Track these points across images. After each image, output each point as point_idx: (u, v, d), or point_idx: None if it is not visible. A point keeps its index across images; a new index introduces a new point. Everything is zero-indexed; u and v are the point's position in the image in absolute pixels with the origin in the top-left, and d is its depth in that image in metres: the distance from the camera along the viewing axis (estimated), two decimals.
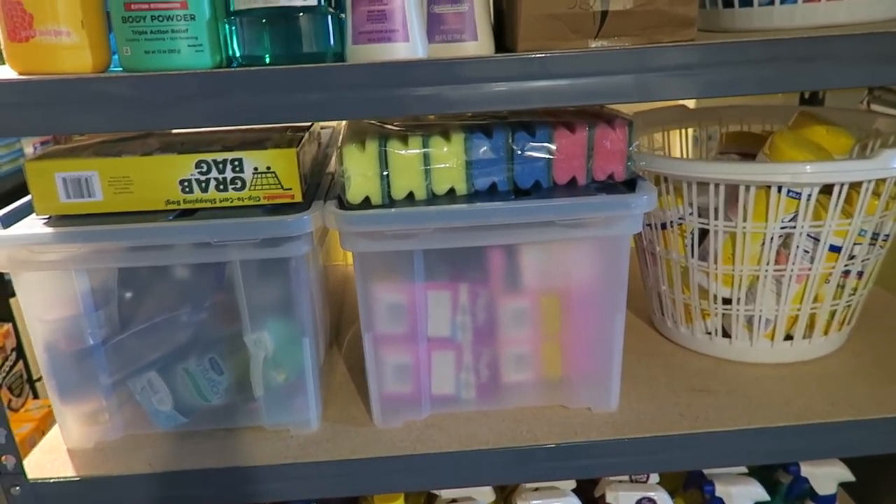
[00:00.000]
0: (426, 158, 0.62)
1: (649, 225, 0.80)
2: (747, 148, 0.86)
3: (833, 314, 0.77)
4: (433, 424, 0.70)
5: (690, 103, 1.09)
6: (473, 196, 0.64)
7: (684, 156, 0.97)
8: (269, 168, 0.62)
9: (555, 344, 0.73)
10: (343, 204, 0.63)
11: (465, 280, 0.68)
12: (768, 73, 0.56)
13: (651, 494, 0.79)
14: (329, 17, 0.59)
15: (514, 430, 0.69)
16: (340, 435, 0.69)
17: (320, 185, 0.71)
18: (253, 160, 0.62)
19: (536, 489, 0.80)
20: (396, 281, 0.67)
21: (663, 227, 0.78)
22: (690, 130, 0.95)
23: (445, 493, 0.80)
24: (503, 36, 0.66)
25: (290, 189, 0.63)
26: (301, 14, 0.58)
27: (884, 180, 0.70)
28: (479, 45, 0.62)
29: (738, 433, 0.68)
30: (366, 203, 0.63)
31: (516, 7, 0.60)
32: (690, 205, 0.74)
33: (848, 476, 0.80)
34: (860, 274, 0.76)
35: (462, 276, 0.68)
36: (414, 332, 0.69)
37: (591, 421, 0.70)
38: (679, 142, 0.97)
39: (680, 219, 0.76)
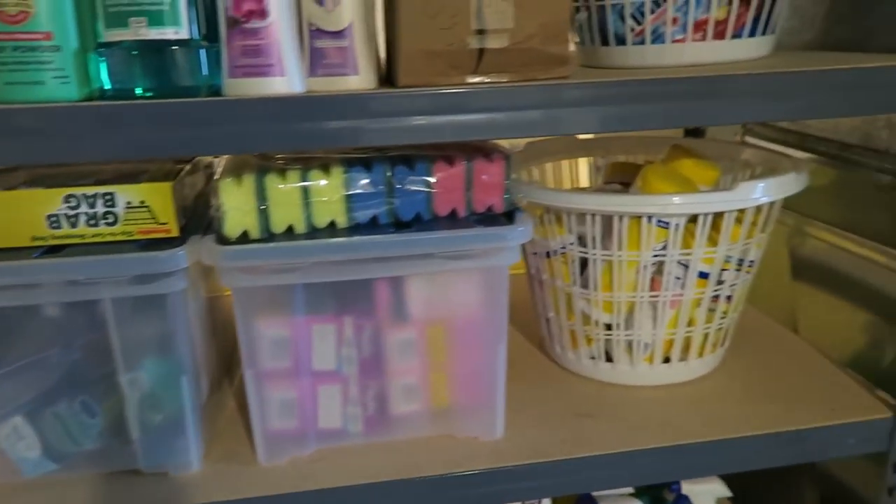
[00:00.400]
0: (305, 192, 0.62)
1: (535, 253, 0.82)
2: (629, 178, 0.90)
3: (706, 337, 0.80)
4: (319, 459, 0.69)
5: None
6: (354, 229, 0.64)
7: (574, 185, 1.00)
8: (142, 202, 0.60)
9: (441, 374, 0.73)
10: (221, 239, 0.62)
11: (349, 313, 0.68)
12: (646, 111, 0.59)
13: None
14: (203, 50, 0.59)
15: (400, 462, 0.69)
16: (222, 475, 0.67)
17: (205, 217, 0.69)
18: (125, 195, 0.60)
19: None
20: (278, 315, 0.66)
21: (548, 255, 0.80)
22: (583, 160, 0.99)
23: None
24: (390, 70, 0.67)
25: (166, 223, 0.61)
26: (174, 47, 0.57)
27: (745, 211, 0.74)
28: (361, 79, 0.63)
29: (619, 456, 0.70)
30: (244, 237, 0.62)
31: (397, 43, 0.61)
32: (571, 234, 0.76)
33: (724, 492, 0.84)
34: (729, 298, 0.80)
35: (346, 308, 0.68)
36: (298, 366, 0.68)
37: (476, 450, 0.70)
38: (569, 171, 1.00)
39: (562, 248, 0.78)
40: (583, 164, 1.00)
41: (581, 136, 1.04)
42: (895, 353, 0.88)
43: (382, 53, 0.65)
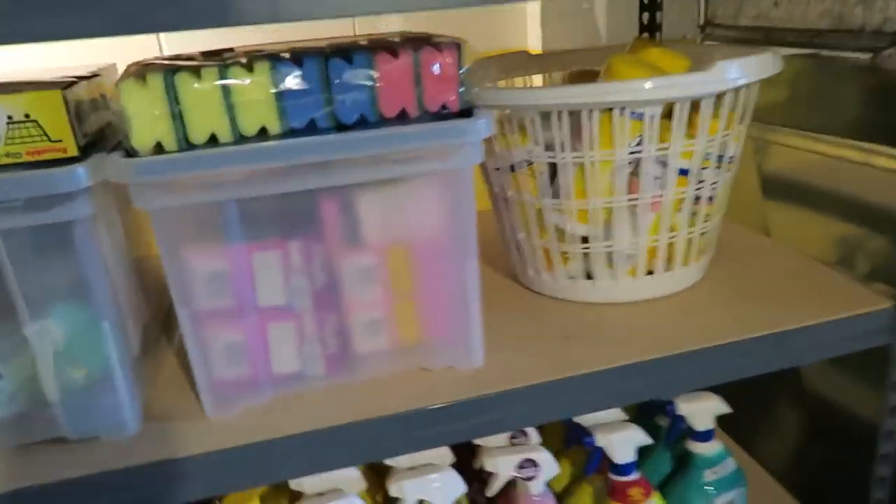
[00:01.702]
0: (226, 92, 0.51)
1: (498, 169, 0.72)
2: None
3: (690, 243, 0.72)
4: (276, 408, 0.59)
5: (535, 48, 1.04)
6: (290, 135, 0.54)
7: None
8: (27, 116, 0.49)
9: (408, 303, 0.63)
10: (130, 152, 0.51)
11: (295, 237, 0.58)
12: None
13: (531, 455, 0.71)
14: None
15: (371, 400, 0.59)
16: (164, 435, 0.56)
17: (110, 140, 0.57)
18: (5, 107, 0.49)
19: (412, 468, 0.70)
20: (210, 243, 0.55)
21: (512, 168, 0.71)
22: (537, 77, 0.89)
23: (310, 488, 0.68)
24: None
25: (60, 141, 0.50)
26: None
27: (722, 98, 0.65)
28: None
29: (608, 373, 0.61)
30: (159, 149, 0.51)
31: None
32: (536, 141, 0.67)
33: (723, 408, 0.75)
34: (711, 199, 0.71)
35: (291, 232, 0.58)
36: (241, 303, 0.58)
37: (455, 380, 0.61)
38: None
39: (528, 159, 0.68)
40: (538, 81, 0.90)
41: (534, 51, 0.95)
42: (883, 250, 0.81)
43: None
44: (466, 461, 0.74)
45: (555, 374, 0.60)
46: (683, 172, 0.67)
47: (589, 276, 0.72)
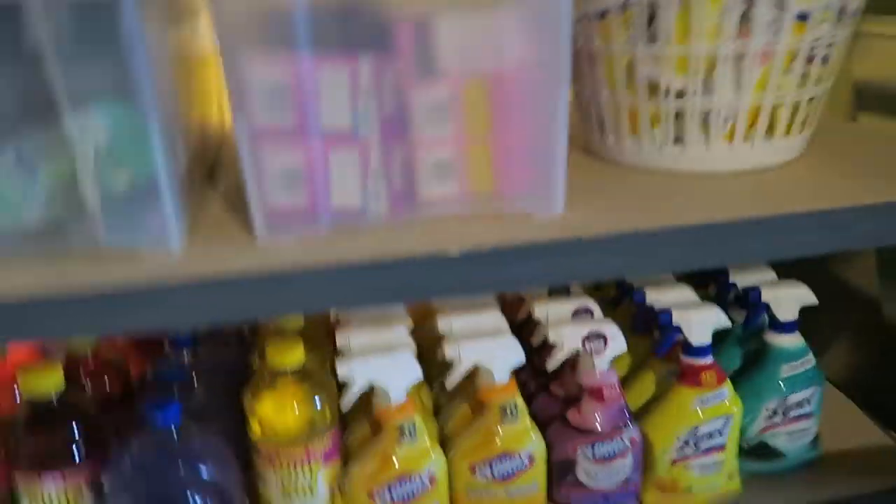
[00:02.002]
0: None
1: (582, 20, 0.64)
2: None
3: (796, 109, 0.63)
4: (331, 239, 0.53)
5: None
6: None
7: None
8: None
9: (483, 147, 0.56)
10: None
11: (367, 57, 0.50)
12: None
13: (600, 328, 0.65)
14: None
15: (438, 237, 0.52)
16: (211, 254, 0.50)
17: None
18: None
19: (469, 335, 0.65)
20: (275, 51, 0.48)
21: (602, 15, 0.62)
22: None
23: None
24: None
25: None
26: None
27: None
28: None
29: (696, 230, 0.54)
30: None
31: None
32: None
33: (811, 299, 0.69)
34: (825, 60, 0.63)
35: (364, 51, 0.50)
36: (303, 123, 0.51)
37: (530, 225, 0.54)
38: None
39: (623, 4, 0.60)
40: None
41: None
42: None
43: None
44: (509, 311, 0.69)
45: (639, 226, 0.54)
46: (802, 17, 0.58)
47: (678, 142, 0.65)
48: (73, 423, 0.60)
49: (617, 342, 0.65)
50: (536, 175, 0.55)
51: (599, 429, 0.67)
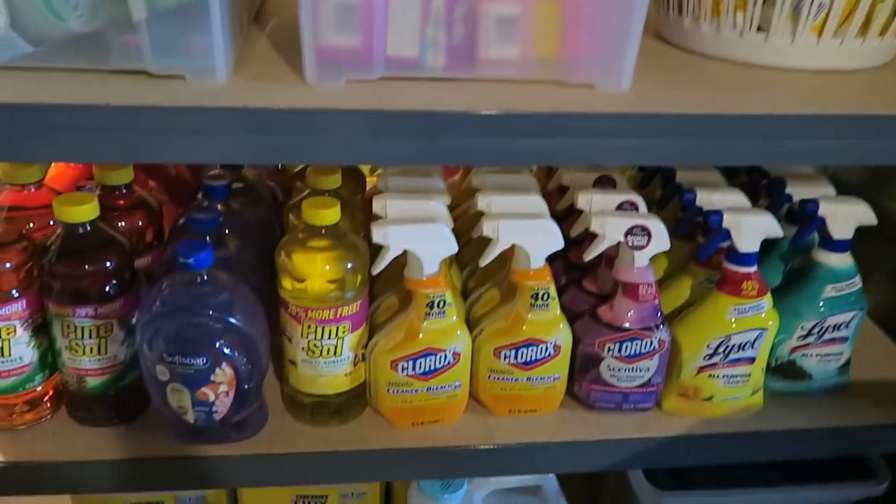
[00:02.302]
0: None
1: None
2: None
3: None
4: (382, 87, 0.50)
5: None
6: None
7: None
8: None
9: (554, 6, 0.51)
10: None
11: None
12: None
13: (644, 222, 0.62)
14: None
15: (489, 98, 0.49)
16: (257, 89, 0.48)
17: None
18: None
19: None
20: None
21: None
22: None
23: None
24: None
25: None
26: None
27: None
28: None
29: (778, 119, 0.50)
30: None
31: None
32: None
33: (870, 218, 0.65)
34: None
35: None
36: None
37: (593, 97, 0.51)
38: None
39: None
40: None
41: None
42: None
43: None
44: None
45: (708, 110, 0.50)
46: None
47: (760, 31, 0.59)
48: (106, 255, 0.60)
49: (660, 239, 0.62)
50: (607, 43, 0.51)
51: (629, 326, 0.65)
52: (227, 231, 0.68)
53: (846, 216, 0.65)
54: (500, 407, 0.69)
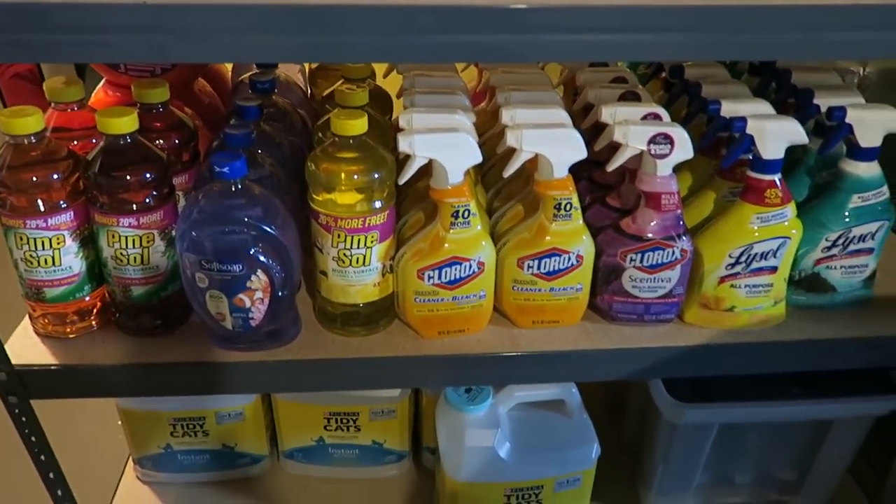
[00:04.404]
0: None
1: None
2: None
3: None
4: None
5: None
6: None
7: None
8: None
9: None
10: None
11: None
12: None
13: (667, 130, 0.62)
14: None
15: None
16: None
17: None
18: None
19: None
20: None
21: None
22: None
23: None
24: None
25: None
26: None
27: None
28: None
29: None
30: None
31: None
32: None
33: None
34: None
35: None
36: None
37: None
38: None
39: None
40: None
41: None
42: None
43: None
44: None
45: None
46: None
47: None
48: (146, 167, 0.62)
49: (683, 147, 0.62)
50: None
51: (652, 236, 0.65)
52: (259, 151, 0.70)
53: (874, 122, 0.63)
54: (524, 318, 0.70)
